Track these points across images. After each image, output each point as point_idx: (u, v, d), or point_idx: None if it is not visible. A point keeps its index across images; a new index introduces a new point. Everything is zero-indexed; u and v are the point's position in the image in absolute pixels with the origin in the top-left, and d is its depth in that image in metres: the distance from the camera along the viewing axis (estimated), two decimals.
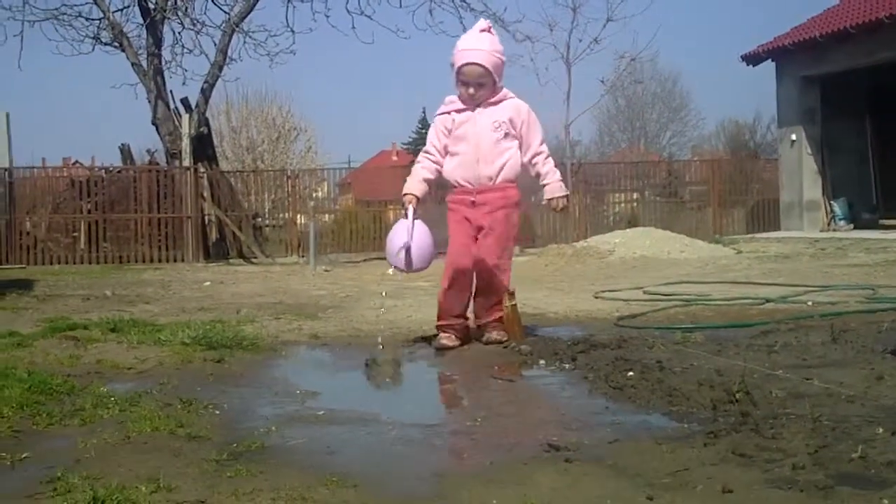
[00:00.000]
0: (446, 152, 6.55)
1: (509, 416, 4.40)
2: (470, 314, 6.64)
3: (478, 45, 6.39)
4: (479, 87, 6.39)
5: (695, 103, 65.11)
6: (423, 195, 6.54)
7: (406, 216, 6.33)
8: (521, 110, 6.51)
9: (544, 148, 6.63)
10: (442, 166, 6.56)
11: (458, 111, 6.51)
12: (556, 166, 6.70)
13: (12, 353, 6.11)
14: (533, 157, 6.55)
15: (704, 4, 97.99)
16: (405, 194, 6.49)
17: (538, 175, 6.62)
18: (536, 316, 7.87)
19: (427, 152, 6.64)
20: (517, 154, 6.49)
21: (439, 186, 6.88)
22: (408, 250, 6.20)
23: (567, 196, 6.76)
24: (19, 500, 3.12)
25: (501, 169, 6.44)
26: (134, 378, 5.41)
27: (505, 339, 6.33)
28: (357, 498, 3.11)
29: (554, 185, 6.59)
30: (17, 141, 21.48)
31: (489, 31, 6.50)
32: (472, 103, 6.46)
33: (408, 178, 6.62)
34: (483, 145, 6.43)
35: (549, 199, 6.68)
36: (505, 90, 6.55)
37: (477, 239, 6.47)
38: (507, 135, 6.44)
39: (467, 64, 6.34)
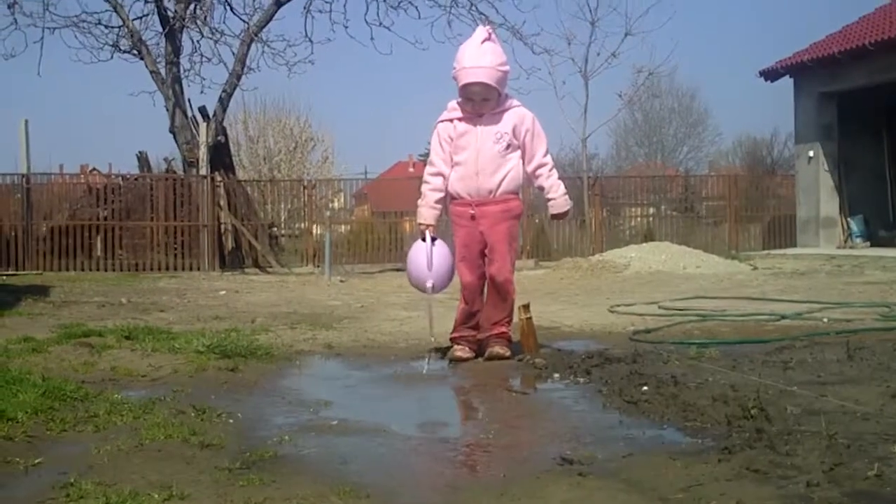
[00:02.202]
0: (451, 160, 6.43)
1: (523, 429, 4.40)
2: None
3: (480, 61, 6.22)
4: (484, 101, 6.30)
5: (712, 118, 64.99)
6: (438, 219, 6.54)
7: (423, 240, 6.36)
8: (524, 119, 6.38)
9: (548, 159, 6.51)
10: (445, 175, 6.43)
11: (461, 119, 6.39)
12: (561, 178, 6.60)
13: (27, 358, 6.12)
14: (537, 168, 6.45)
15: (723, 20, 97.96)
16: (420, 223, 6.51)
17: (541, 188, 6.55)
18: (551, 329, 7.85)
19: (432, 164, 6.53)
20: (519, 166, 6.40)
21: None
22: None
23: (569, 209, 6.68)
24: None
25: (502, 182, 6.34)
26: (148, 385, 5.42)
27: (507, 354, 6.27)
28: None
29: (559, 200, 6.49)
30: (35, 147, 21.62)
31: (490, 39, 6.33)
32: (475, 115, 6.38)
33: (419, 203, 6.55)
34: (483, 157, 6.32)
35: (554, 215, 6.64)
36: (510, 98, 6.45)
37: (483, 253, 6.43)
38: (508, 146, 6.33)
39: (471, 84, 6.25)
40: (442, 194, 6.49)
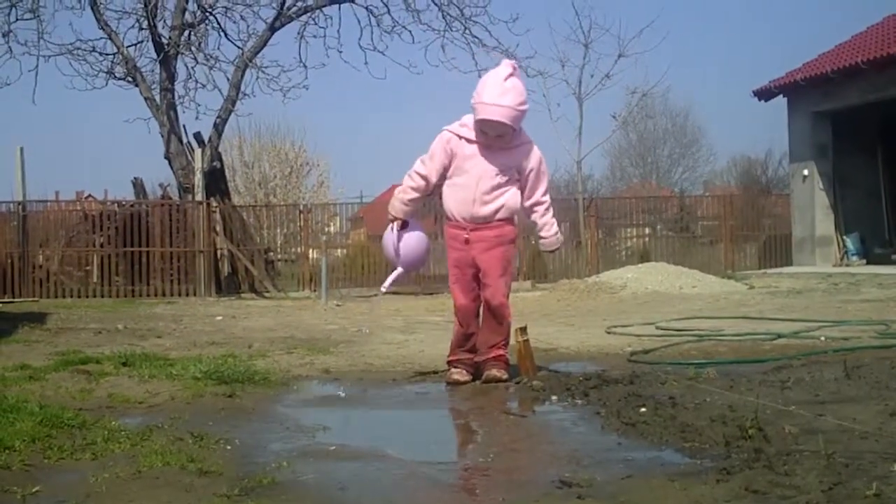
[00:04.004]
0: (444, 171, 6.43)
1: (521, 452, 4.39)
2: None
3: (501, 100, 6.15)
4: (498, 137, 6.27)
5: (706, 138, 64.89)
6: (409, 215, 6.61)
7: (392, 230, 6.56)
8: (532, 159, 6.38)
9: (547, 199, 6.53)
10: (429, 181, 6.47)
11: (469, 141, 6.35)
12: (555, 200, 6.62)
13: (24, 386, 6.11)
14: (534, 205, 6.46)
15: (716, 40, 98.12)
16: (389, 215, 6.62)
17: (535, 224, 6.59)
18: (548, 351, 7.84)
19: (423, 164, 6.50)
20: (516, 196, 6.38)
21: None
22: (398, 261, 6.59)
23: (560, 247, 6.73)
24: None
25: (497, 211, 6.33)
26: (145, 412, 5.41)
27: (505, 376, 6.25)
28: None
29: (550, 239, 6.57)
30: (30, 175, 21.53)
31: (514, 75, 6.27)
32: (485, 144, 6.32)
33: (396, 191, 6.65)
34: (482, 186, 6.31)
35: (543, 251, 6.69)
36: (523, 133, 6.40)
37: (477, 277, 6.43)
38: (510, 179, 6.34)
39: (488, 121, 6.19)
40: (418, 194, 6.55)
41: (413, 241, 6.56)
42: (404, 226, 6.55)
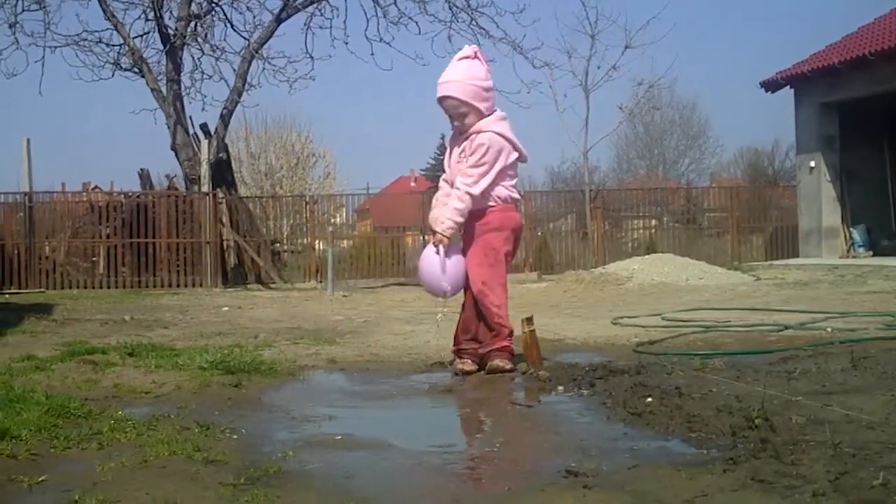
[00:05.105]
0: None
1: (527, 442, 4.39)
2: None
3: (450, 76, 6.22)
4: (461, 117, 6.26)
5: (713, 130, 64.91)
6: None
7: (436, 249, 6.36)
8: (473, 142, 6.24)
9: (471, 172, 6.22)
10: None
11: (454, 132, 6.48)
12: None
13: (31, 376, 6.12)
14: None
15: (722, 31, 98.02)
16: (434, 232, 6.44)
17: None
18: (555, 342, 7.83)
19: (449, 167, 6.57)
20: (490, 182, 6.30)
21: None
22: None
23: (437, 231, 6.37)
24: None
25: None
26: (151, 402, 5.41)
27: (509, 367, 6.23)
28: None
29: (441, 217, 6.33)
30: (37, 166, 21.61)
31: (472, 57, 6.27)
32: (457, 132, 6.38)
33: (434, 206, 6.58)
34: (452, 175, 6.40)
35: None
36: (484, 120, 6.24)
37: None
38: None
39: (440, 98, 6.24)
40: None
41: (456, 262, 6.38)
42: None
